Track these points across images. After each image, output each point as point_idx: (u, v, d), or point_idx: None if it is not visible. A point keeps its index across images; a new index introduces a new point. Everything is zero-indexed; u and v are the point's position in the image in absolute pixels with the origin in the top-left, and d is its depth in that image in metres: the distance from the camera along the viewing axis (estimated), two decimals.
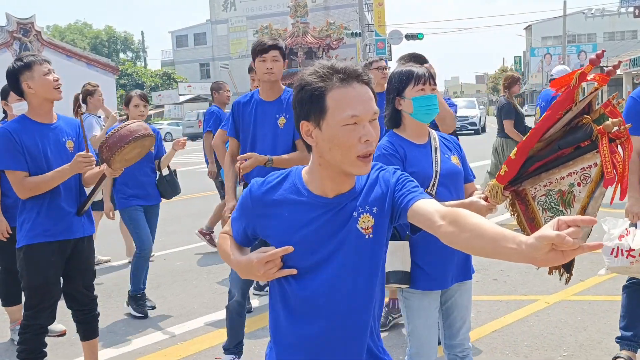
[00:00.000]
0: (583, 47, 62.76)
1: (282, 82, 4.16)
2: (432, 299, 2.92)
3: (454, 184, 2.95)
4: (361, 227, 1.89)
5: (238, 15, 57.62)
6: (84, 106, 6.63)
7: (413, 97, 2.88)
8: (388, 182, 1.95)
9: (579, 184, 2.70)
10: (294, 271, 1.90)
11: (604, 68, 4.19)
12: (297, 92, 1.86)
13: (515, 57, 76.81)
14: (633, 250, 3.55)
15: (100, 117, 7.07)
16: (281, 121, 4.05)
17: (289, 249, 1.87)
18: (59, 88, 3.61)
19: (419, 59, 4.20)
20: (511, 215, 2.90)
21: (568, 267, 2.88)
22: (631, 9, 37.95)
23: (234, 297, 4.14)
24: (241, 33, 56.73)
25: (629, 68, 44.74)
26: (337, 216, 1.89)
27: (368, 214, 1.90)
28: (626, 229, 3.68)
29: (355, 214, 1.90)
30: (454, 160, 2.99)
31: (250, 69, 5.76)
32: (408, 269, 2.84)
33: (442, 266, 2.87)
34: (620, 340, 4.00)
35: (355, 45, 46.99)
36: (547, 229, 1.46)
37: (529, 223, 2.86)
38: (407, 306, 2.93)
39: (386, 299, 4.79)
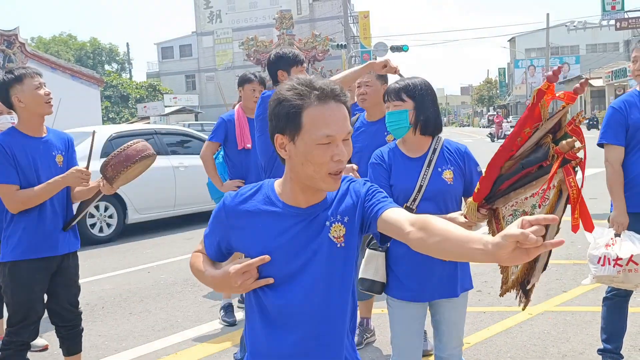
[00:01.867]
0: (566, 58, 63.50)
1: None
2: (416, 310, 2.94)
3: (438, 201, 2.93)
4: (333, 236, 1.93)
5: (224, 27, 57.69)
6: None
7: (387, 112, 2.99)
8: (358, 193, 1.99)
9: (539, 206, 2.62)
10: (270, 280, 1.92)
11: (587, 80, 4.24)
12: (275, 106, 1.89)
13: (499, 68, 77.55)
14: (620, 259, 3.56)
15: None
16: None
17: (266, 258, 1.90)
18: (49, 102, 3.59)
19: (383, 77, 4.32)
20: (489, 232, 2.85)
21: (526, 293, 2.80)
22: (612, 22, 38.45)
23: None
24: (227, 45, 56.78)
25: (612, 80, 45.30)
26: (310, 226, 1.93)
27: (340, 223, 1.94)
28: (611, 238, 3.70)
29: (327, 223, 1.94)
30: (446, 175, 2.95)
31: (241, 82, 5.54)
32: (380, 279, 2.90)
33: (419, 279, 2.88)
34: (602, 352, 4.03)
35: (340, 57, 47.23)
36: (513, 228, 1.49)
37: None
38: (391, 313, 2.99)
39: (359, 318, 4.81)
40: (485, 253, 1.57)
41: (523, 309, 2.82)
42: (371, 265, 2.90)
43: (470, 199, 2.78)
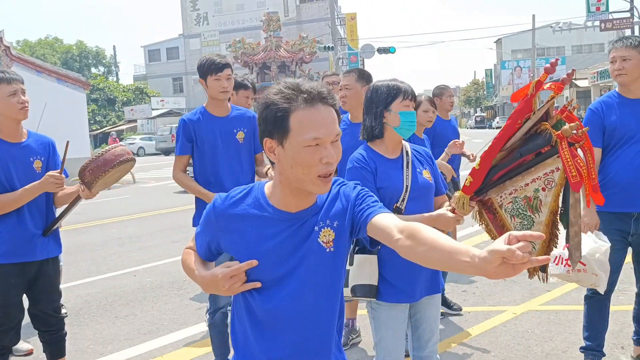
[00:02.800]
0: (552, 59, 63.62)
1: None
2: (400, 312, 2.96)
3: (424, 199, 2.99)
4: (322, 241, 1.93)
5: (211, 29, 57.61)
6: None
7: (400, 112, 2.93)
8: (348, 197, 2.00)
9: (543, 189, 2.75)
10: (258, 284, 1.92)
11: (574, 81, 4.32)
12: (262, 109, 1.90)
13: (486, 70, 77.88)
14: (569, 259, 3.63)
15: None
16: (240, 135, 4.12)
17: (253, 263, 1.90)
18: (24, 108, 3.56)
19: (367, 77, 4.34)
20: (479, 225, 2.95)
21: (544, 269, 2.93)
22: (597, 23, 38.72)
23: (219, 309, 4.04)
24: (214, 47, 56.63)
25: (597, 80, 45.62)
26: (299, 231, 1.93)
27: (329, 228, 1.95)
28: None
29: (316, 228, 1.94)
30: (426, 174, 3.02)
31: (236, 87, 5.46)
32: (375, 283, 2.87)
33: (410, 280, 2.90)
34: (585, 350, 4.07)
35: (328, 59, 47.29)
36: (499, 244, 1.51)
37: (499, 230, 2.90)
38: (375, 317, 2.97)
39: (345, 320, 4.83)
40: (472, 266, 1.59)
41: (545, 281, 2.94)
42: (364, 270, 2.88)
43: (459, 193, 2.83)
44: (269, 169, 3.97)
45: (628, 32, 42.55)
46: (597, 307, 4.01)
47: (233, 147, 4.12)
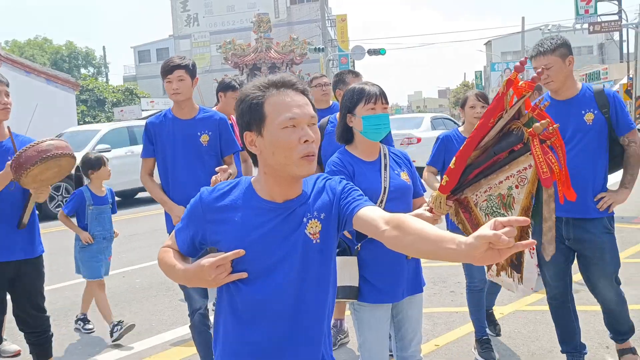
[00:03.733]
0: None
1: None
2: (383, 312, 2.98)
3: (403, 200, 3.03)
4: (309, 233, 1.96)
5: (201, 30, 57.51)
6: None
7: (363, 116, 2.94)
8: (334, 190, 2.03)
9: (516, 187, 2.80)
10: (244, 275, 1.93)
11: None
12: (239, 105, 1.96)
13: (476, 72, 78.01)
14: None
15: None
16: (204, 138, 4.10)
17: (240, 252, 1.91)
18: (5, 109, 3.56)
19: (356, 75, 4.36)
20: (456, 223, 2.99)
21: (517, 268, 2.96)
22: (586, 25, 38.95)
23: (196, 310, 4.05)
24: (204, 48, 56.61)
25: (586, 82, 45.82)
26: (286, 221, 1.95)
27: (316, 219, 1.97)
28: None
29: (304, 219, 1.96)
30: (404, 176, 3.06)
31: (225, 89, 5.51)
32: (355, 284, 2.90)
33: (392, 280, 2.93)
34: (566, 352, 4.11)
35: (318, 61, 47.29)
36: (485, 229, 1.54)
37: (474, 229, 2.94)
38: (359, 319, 2.99)
39: (332, 320, 4.85)
40: (459, 253, 1.62)
41: (521, 282, 2.94)
42: (344, 271, 2.89)
43: (436, 192, 2.86)
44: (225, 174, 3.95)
45: (616, 35, 42.91)
46: (559, 310, 4.04)
47: (195, 150, 4.08)
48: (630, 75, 34.44)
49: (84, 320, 5.55)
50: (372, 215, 1.90)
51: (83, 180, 5.54)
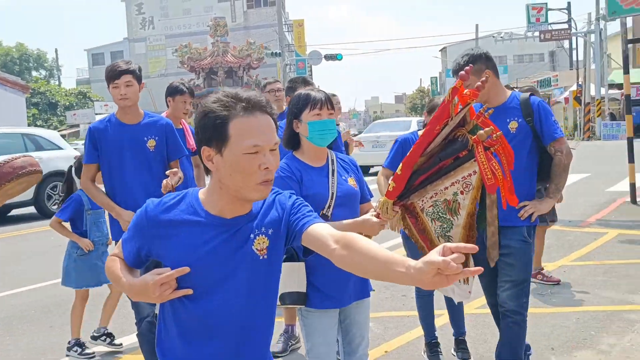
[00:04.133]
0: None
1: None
2: (331, 318, 2.99)
3: (350, 205, 3.04)
4: (256, 249, 1.95)
5: (157, 33, 56.90)
6: None
7: (309, 122, 2.95)
8: (284, 206, 2.03)
9: (462, 192, 2.86)
10: (189, 291, 1.91)
11: (515, 89, 4.40)
12: (200, 118, 1.91)
13: (431, 77, 79.03)
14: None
15: None
16: (151, 143, 4.07)
17: (185, 269, 1.89)
18: None
19: (308, 84, 4.37)
20: (403, 229, 3.02)
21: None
22: (537, 33, 39.88)
23: (144, 318, 3.99)
24: (160, 52, 56.01)
25: (537, 88, 46.86)
26: (233, 237, 1.93)
27: (264, 235, 1.97)
28: None
29: (251, 235, 1.95)
30: (351, 182, 3.08)
31: (172, 93, 5.35)
32: (303, 290, 2.90)
33: (339, 285, 2.94)
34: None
35: (275, 65, 47.28)
36: (434, 255, 1.57)
37: (421, 234, 2.99)
38: (306, 325, 2.99)
39: (284, 325, 4.84)
40: (408, 276, 1.64)
41: (465, 283, 2.99)
42: (292, 277, 2.90)
43: (383, 198, 2.89)
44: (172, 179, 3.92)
45: (566, 43, 44.01)
46: (496, 316, 4.09)
47: (142, 155, 4.05)
48: (579, 83, 35.43)
49: (110, 335, 5.21)
50: (322, 233, 1.91)
51: (74, 184, 5.30)
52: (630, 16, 10.80)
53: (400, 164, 2.88)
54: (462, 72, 2.81)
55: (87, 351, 4.97)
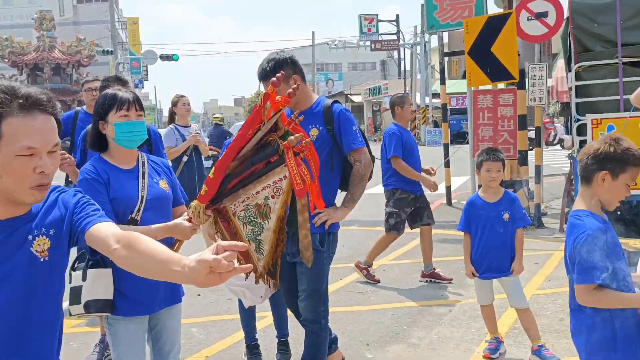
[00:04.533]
0: (330, 75, 67.62)
1: None
2: (139, 325, 2.91)
3: (161, 208, 2.98)
4: (36, 250, 1.86)
5: None
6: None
7: (115, 123, 2.86)
8: (67, 204, 1.95)
9: (272, 197, 2.92)
10: None
11: (349, 96, 4.56)
12: None
13: None
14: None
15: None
16: None
17: None
18: None
19: (124, 83, 4.24)
20: (215, 233, 3.02)
21: (273, 274, 3.07)
22: (368, 43, 41.81)
23: None
24: None
25: (369, 96, 49.09)
26: (9, 239, 1.83)
27: (44, 236, 1.88)
28: None
29: (30, 236, 1.86)
30: (163, 184, 3.02)
31: None
32: (110, 297, 2.80)
33: (148, 291, 2.87)
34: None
35: (108, 64, 45.34)
36: (207, 254, 1.58)
37: (233, 239, 3.00)
38: (113, 333, 2.89)
39: (100, 335, 4.69)
40: (183, 275, 1.64)
41: (274, 289, 3.01)
42: (99, 284, 2.79)
43: (195, 202, 2.87)
44: None
45: (395, 53, 46.48)
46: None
47: None
48: (407, 91, 37.56)
49: None
50: (104, 233, 1.86)
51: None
52: (446, 31, 11.62)
53: (213, 168, 2.89)
54: (274, 79, 2.87)
55: None
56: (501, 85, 9.94)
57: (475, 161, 4.53)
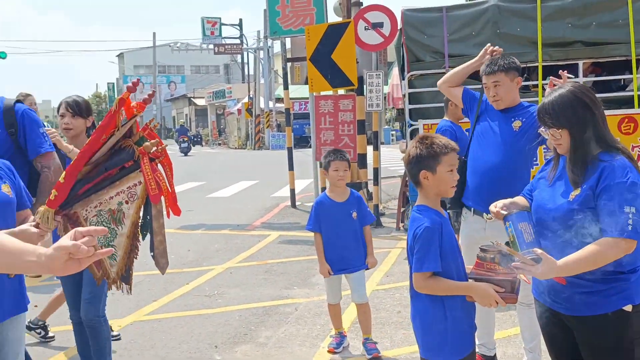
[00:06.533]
0: (172, 77, 66.29)
1: None
2: None
3: (4, 214, 2.83)
4: None
5: None
6: None
7: None
8: None
9: (127, 202, 2.88)
10: None
11: (192, 99, 4.53)
12: None
13: (108, 83, 76.79)
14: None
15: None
16: None
17: None
18: None
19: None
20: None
21: (126, 280, 3.03)
22: (212, 46, 41.52)
23: None
24: None
25: (213, 100, 48.79)
26: None
27: None
28: None
29: None
30: (5, 188, 2.86)
31: None
32: None
33: None
34: None
35: None
36: (65, 240, 1.56)
37: None
38: None
39: None
40: (40, 264, 1.60)
41: (130, 293, 2.96)
42: None
43: (44, 207, 2.76)
44: None
45: (239, 57, 46.55)
46: None
47: None
48: (251, 95, 37.78)
49: (45, 328, 5.08)
50: None
51: None
52: (288, 37, 11.87)
53: (64, 172, 2.81)
54: (129, 84, 2.85)
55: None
56: (341, 91, 10.35)
57: (323, 162, 4.69)
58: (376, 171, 10.13)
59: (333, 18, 11.67)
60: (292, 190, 11.82)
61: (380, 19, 9.48)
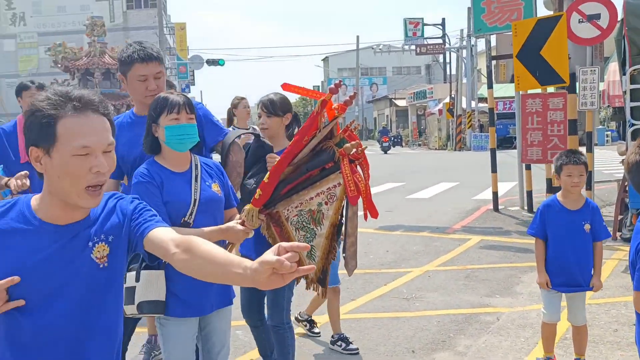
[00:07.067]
0: (374, 79, 67.44)
1: None
2: (190, 326, 2.93)
3: (213, 212, 2.99)
4: (95, 257, 1.88)
5: (28, 30, 53.82)
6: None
7: (166, 126, 2.87)
8: (125, 211, 1.96)
9: (326, 203, 2.93)
10: (21, 302, 1.81)
11: (393, 100, 4.54)
12: (27, 117, 1.82)
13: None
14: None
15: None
16: None
17: (15, 279, 1.78)
18: None
19: (170, 86, 4.24)
20: (267, 237, 3.02)
21: (322, 282, 3.07)
22: (413, 47, 41.52)
23: None
24: (31, 50, 53.07)
25: (414, 100, 48.78)
26: (69, 244, 1.85)
27: (103, 242, 1.90)
28: None
29: (90, 243, 1.87)
30: (215, 187, 3.02)
31: (19, 91, 5.20)
32: (162, 298, 2.82)
33: (199, 293, 2.88)
34: None
35: None
36: (269, 255, 1.57)
37: None
38: (164, 334, 2.92)
39: (147, 335, 4.73)
40: (245, 277, 1.64)
41: (323, 297, 3.01)
42: (151, 286, 2.81)
43: (249, 206, 2.88)
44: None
45: (440, 57, 46.09)
46: None
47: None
48: (452, 95, 37.19)
49: (311, 322, 5.30)
50: (162, 238, 1.87)
51: None
52: (493, 34, 11.43)
53: (268, 173, 2.91)
54: (332, 86, 2.87)
55: None
56: (550, 89, 9.73)
57: (554, 165, 4.20)
58: (590, 175, 9.36)
59: (542, 12, 11.03)
60: (495, 193, 11.36)
61: (597, 10, 8.73)
